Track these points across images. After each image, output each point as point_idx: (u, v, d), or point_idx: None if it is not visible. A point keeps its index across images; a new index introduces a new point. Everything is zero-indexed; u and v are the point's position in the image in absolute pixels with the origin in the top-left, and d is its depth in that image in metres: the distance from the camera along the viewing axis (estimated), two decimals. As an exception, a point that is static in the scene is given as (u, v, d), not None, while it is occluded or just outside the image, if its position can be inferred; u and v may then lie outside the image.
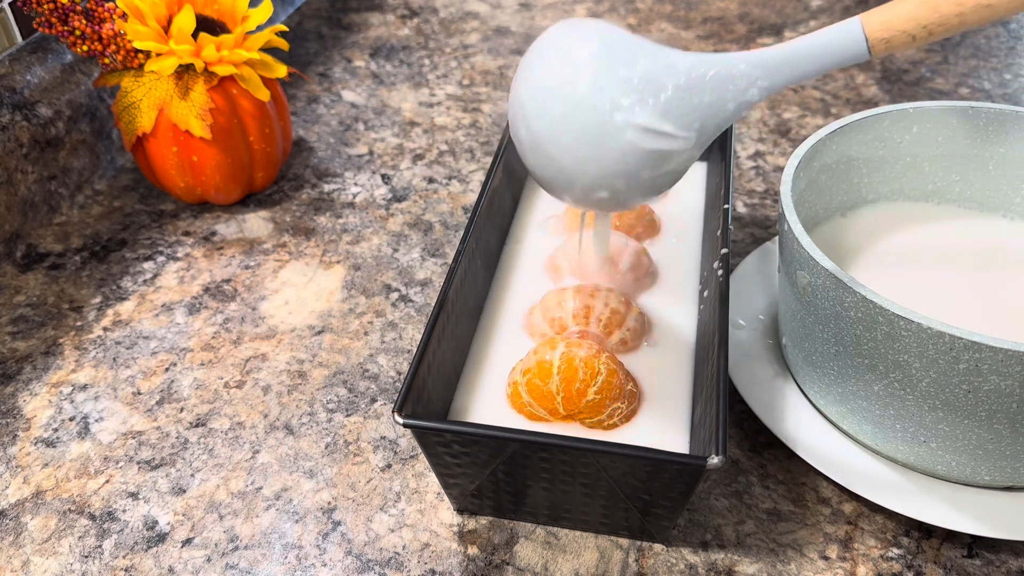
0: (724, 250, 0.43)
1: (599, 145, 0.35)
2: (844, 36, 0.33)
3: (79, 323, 0.53)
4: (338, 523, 0.41)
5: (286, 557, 0.40)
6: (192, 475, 0.44)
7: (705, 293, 0.46)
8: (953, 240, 0.48)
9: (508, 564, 0.39)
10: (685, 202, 0.54)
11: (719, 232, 0.45)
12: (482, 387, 0.43)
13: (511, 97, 0.37)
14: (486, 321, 0.46)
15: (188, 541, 0.40)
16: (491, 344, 0.45)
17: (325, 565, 0.39)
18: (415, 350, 0.41)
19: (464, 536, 0.40)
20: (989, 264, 0.47)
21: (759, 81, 0.34)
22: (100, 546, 0.40)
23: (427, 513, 0.41)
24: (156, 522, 0.41)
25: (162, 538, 0.41)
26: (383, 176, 0.66)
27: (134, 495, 0.43)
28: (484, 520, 0.41)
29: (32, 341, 0.52)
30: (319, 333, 0.52)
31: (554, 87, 0.35)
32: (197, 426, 0.46)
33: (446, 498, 0.42)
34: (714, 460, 0.33)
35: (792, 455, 0.43)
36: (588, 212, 0.45)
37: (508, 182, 0.53)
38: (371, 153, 0.69)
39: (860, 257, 0.47)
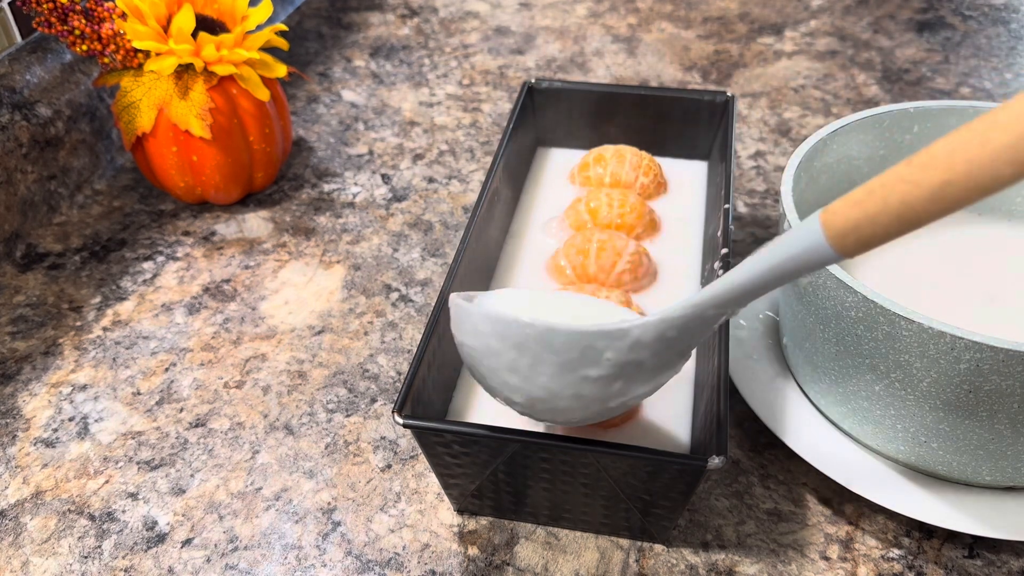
0: (724, 250, 0.43)
1: (602, 414, 0.34)
2: (806, 242, 0.28)
3: (79, 323, 0.53)
4: (338, 523, 0.41)
5: (286, 557, 0.40)
6: (192, 475, 0.43)
7: (705, 293, 0.46)
8: (954, 241, 0.48)
9: (508, 564, 0.39)
10: (685, 202, 0.54)
11: (719, 232, 0.45)
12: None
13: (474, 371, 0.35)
14: (486, 321, 0.46)
15: (188, 541, 0.40)
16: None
17: (325, 565, 0.39)
18: (415, 350, 0.41)
19: (464, 536, 0.40)
20: (990, 265, 0.47)
21: (727, 311, 0.32)
22: (100, 546, 0.40)
23: (427, 513, 0.41)
24: (156, 522, 0.41)
25: (162, 538, 0.41)
26: (383, 176, 0.66)
27: (134, 495, 0.43)
28: (484, 520, 0.41)
29: (32, 341, 0.52)
30: (319, 333, 0.52)
31: (530, 402, 0.34)
32: (197, 426, 0.46)
33: (446, 498, 0.42)
34: (714, 460, 0.33)
35: (792, 455, 0.43)
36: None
37: (508, 182, 0.53)
38: (371, 153, 0.69)
39: (862, 261, 0.47)
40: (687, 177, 0.57)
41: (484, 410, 0.41)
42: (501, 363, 0.33)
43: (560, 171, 0.57)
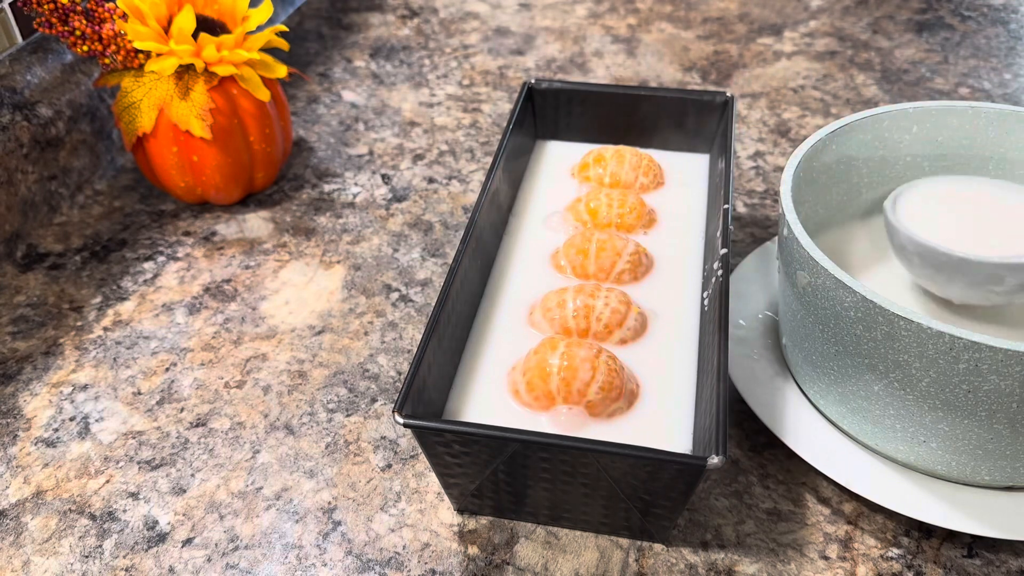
0: (724, 250, 0.43)
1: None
2: None
3: (79, 323, 0.53)
4: (338, 523, 0.41)
5: (286, 557, 0.40)
6: (192, 475, 0.44)
7: (705, 293, 0.46)
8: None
9: (508, 564, 0.39)
10: (685, 201, 0.54)
11: (719, 232, 0.45)
12: (482, 387, 0.43)
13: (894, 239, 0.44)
14: (486, 321, 0.46)
15: (188, 541, 0.41)
16: (491, 344, 0.45)
17: (325, 565, 0.39)
18: (415, 350, 0.41)
19: (464, 536, 0.40)
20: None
21: None
22: (100, 546, 0.40)
23: (427, 513, 0.41)
24: (156, 522, 0.41)
25: (162, 538, 0.41)
26: (383, 176, 0.66)
27: (134, 495, 0.43)
28: (484, 520, 0.41)
29: (32, 341, 0.52)
30: (319, 333, 0.52)
31: (947, 294, 0.43)
32: (197, 426, 0.46)
33: (446, 498, 0.42)
34: (714, 460, 0.33)
35: (792, 455, 0.43)
36: None
37: (508, 182, 0.53)
38: (371, 153, 0.69)
39: (862, 262, 0.47)
40: (687, 172, 0.57)
41: (484, 410, 0.41)
42: (920, 274, 0.43)
43: (560, 168, 0.58)
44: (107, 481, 0.43)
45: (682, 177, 0.57)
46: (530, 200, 0.55)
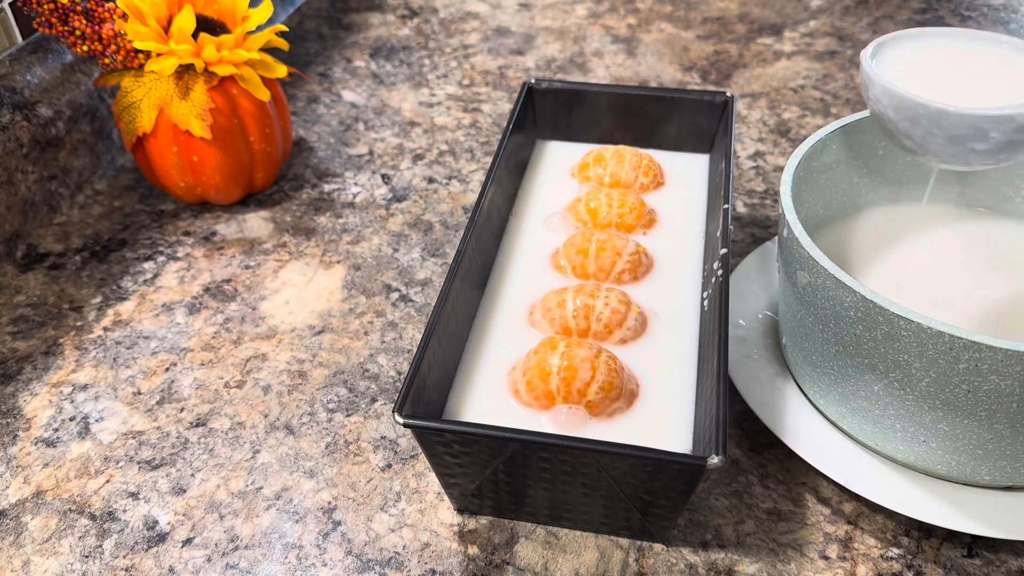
0: (724, 250, 0.43)
1: (992, 162, 0.40)
2: None
3: (79, 323, 0.53)
4: (338, 523, 0.41)
5: (286, 557, 0.40)
6: (192, 475, 0.44)
7: (705, 293, 0.46)
8: (953, 242, 0.48)
9: (508, 564, 0.39)
10: (685, 201, 0.54)
11: (719, 232, 0.45)
12: (482, 386, 0.43)
13: (874, 103, 0.41)
14: (486, 320, 0.46)
15: (188, 541, 0.41)
16: (491, 343, 0.45)
17: (325, 565, 0.39)
18: (415, 350, 0.41)
19: (464, 536, 0.40)
20: (989, 265, 0.47)
21: None
22: (100, 546, 0.40)
23: (427, 513, 0.41)
24: (156, 522, 0.41)
25: (162, 538, 0.41)
26: (383, 176, 0.66)
27: (134, 495, 0.43)
28: (484, 520, 0.41)
29: (32, 341, 0.52)
30: (319, 333, 0.52)
31: (924, 156, 0.40)
32: (197, 426, 0.46)
33: (446, 498, 0.42)
34: (714, 460, 0.33)
35: (792, 455, 0.43)
36: None
37: (508, 182, 0.53)
38: (371, 153, 0.69)
39: (862, 261, 0.47)
40: (687, 172, 0.57)
41: (484, 410, 0.41)
42: (897, 129, 0.39)
43: (560, 168, 0.58)
44: (107, 481, 0.43)
45: (682, 177, 0.57)
46: (530, 200, 0.55)
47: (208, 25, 0.57)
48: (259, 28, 0.72)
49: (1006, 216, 0.49)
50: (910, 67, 0.41)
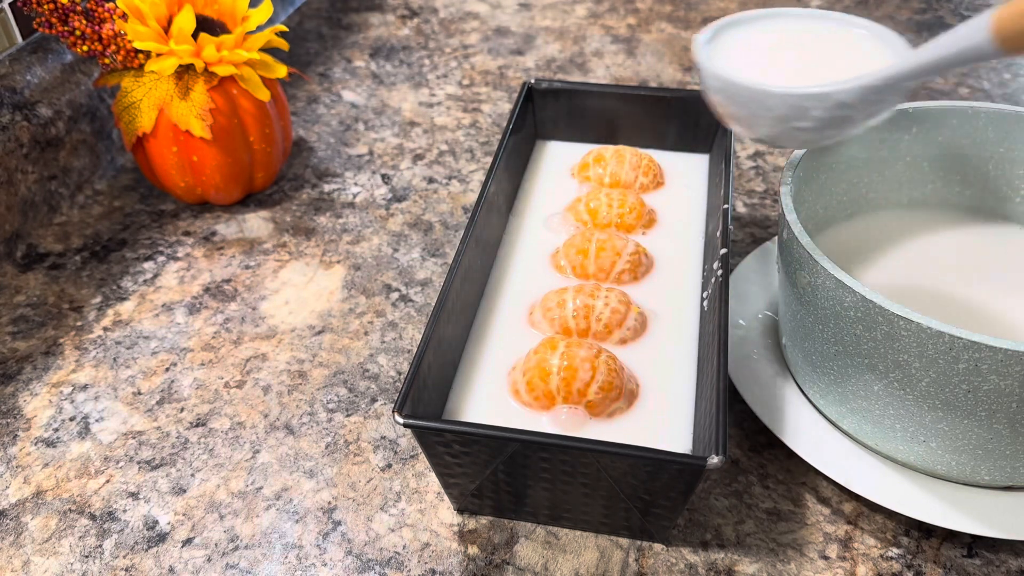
0: (724, 250, 0.43)
1: (822, 140, 0.41)
2: (973, 37, 0.34)
3: (79, 323, 0.53)
4: (338, 523, 0.41)
5: (286, 557, 0.40)
6: (192, 475, 0.44)
7: (705, 293, 0.46)
8: (953, 242, 0.48)
9: (508, 564, 0.39)
10: (685, 201, 0.54)
11: (719, 232, 0.45)
12: (482, 386, 0.43)
13: (704, 83, 0.42)
14: (486, 320, 0.46)
15: (188, 541, 0.41)
16: (491, 343, 0.45)
17: (325, 565, 0.39)
18: (415, 350, 0.41)
19: (464, 536, 0.40)
20: (989, 265, 0.47)
21: (917, 80, 0.38)
22: (100, 546, 0.40)
23: (427, 513, 0.41)
24: (156, 522, 0.41)
25: (162, 538, 0.41)
26: (383, 176, 0.66)
27: (134, 495, 0.43)
28: (484, 520, 0.41)
29: (32, 341, 0.52)
30: (319, 333, 0.52)
31: (756, 137, 0.42)
32: (197, 426, 0.46)
33: (446, 498, 0.42)
34: (714, 460, 0.33)
35: (792, 455, 0.43)
36: None
37: (508, 182, 0.53)
38: (371, 153, 0.69)
39: (862, 262, 0.47)
40: (687, 172, 0.57)
41: (484, 410, 0.41)
42: (727, 112, 0.41)
43: (560, 168, 0.58)
44: (107, 481, 0.43)
45: (682, 177, 0.57)
46: (530, 200, 0.55)
47: (208, 25, 0.57)
48: (259, 28, 0.72)
49: (1006, 216, 0.49)
50: (744, 50, 0.42)
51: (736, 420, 0.45)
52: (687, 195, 0.55)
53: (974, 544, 0.40)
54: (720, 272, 0.43)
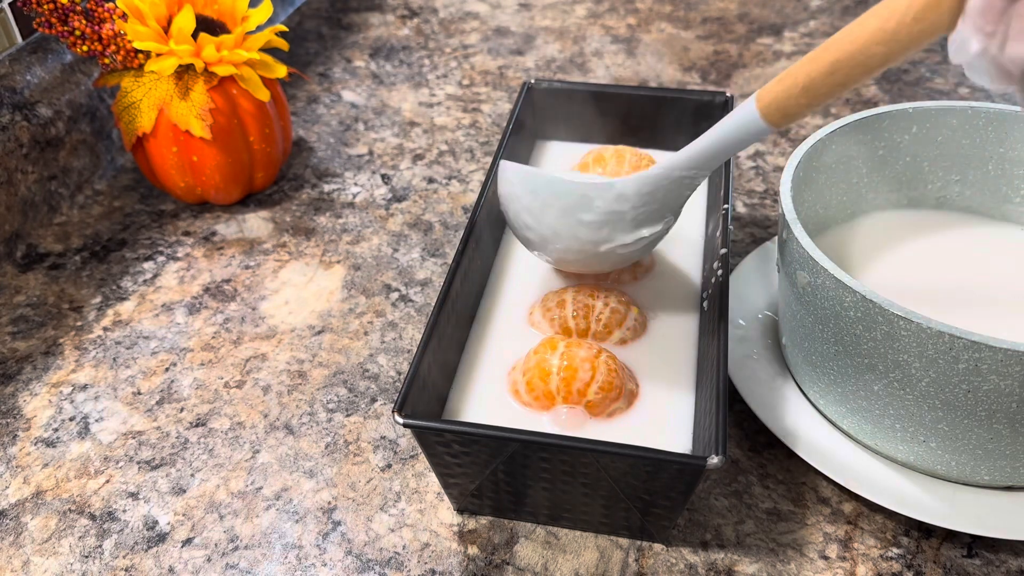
0: (724, 250, 0.43)
1: (599, 260, 0.43)
2: (745, 116, 0.37)
3: (79, 323, 0.53)
4: (338, 523, 0.41)
5: (286, 557, 0.40)
6: (192, 475, 0.44)
7: (705, 293, 0.46)
8: (953, 242, 0.48)
9: (508, 564, 0.39)
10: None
11: (719, 232, 0.45)
12: (482, 386, 0.43)
13: (506, 215, 0.44)
14: (486, 320, 0.46)
15: (188, 541, 0.40)
16: (491, 343, 0.45)
17: (325, 565, 0.39)
18: (415, 350, 0.41)
19: (464, 536, 0.40)
20: (989, 265, 0.47)
21: (696, 176, 0.40)
22: (100, 546, 0.40)
23: (427, 513, 0.41)
24: (156, 522, 0.41)
25: (162, 538, 0.41)
26: (383, 176, 0.66)
27: (134, 495, 0.43)
28: (484, 520, 0.41)
29: (32, 341, 0.52)
30: (319, 333, 0.52)
31: (541, 238, 0.43)
32: (197, 426, 0.46)
33: (446, 498, 0.42)
34: (714, 460, 0.33)
35: (792, 455, 0.43)
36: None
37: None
38: (371, 153, 0.69)
39: (862, 262, 0.47)
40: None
41: (484, 410, 0.41)
42: (521, 205, 0.42)
43: (560, 167, 0.58)
44: (107, 481, 0.43)
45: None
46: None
47: (208, 25, 0.57)
48: (259, 28, 0.72)
49: (1006, 216, 0.49)
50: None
51: (736, 420, 0.45)
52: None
53: (974, 544, 0.40)
54: (720, 272, 0.43)
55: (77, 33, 0.56)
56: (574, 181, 0.41)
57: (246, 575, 0.39)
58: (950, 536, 0.40)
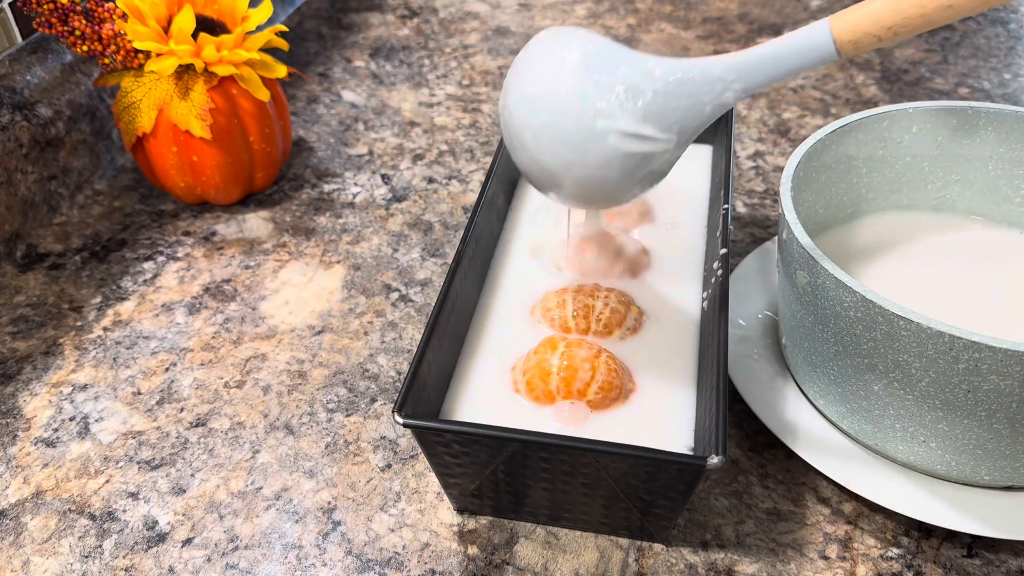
0: (724, 250, 0.43)
1: (583, 150, 0.36)
2: (814, 38, 0.34)
3: (79, 323, 0.53)
4: (338, 523, 0.41)
5: (286, 557, 0.40)
6: (192, 475, 0.44)
7: (705, 293, 0.46)
8: (953, 242, 0.48)
9: (508, 564, 0.39)
10: (685, 200, 0.54)
11: (719, 232, 0.45)
12: (482, 386, 0.43)
13: (500, 102, 0.39)
14: (486, 320, 0.46)
15: (188, 541, 0.40)
16: (491, 343, 0.45)
17: (325, 565, 0.39)
18: (415, 350, 0.41)
19: (464, 536, 0.40)
20: (989, 265, 0.47)
21: (734, 84, 0.35)
22: (100, 546, 0.40)
23: (427, 513, 0.41)
24: (156, 522, 0.41)
25: (162, 538, 0.41)
26: (383, 176, 0.66)
27: (134, 495, 0.43)
28: (484, 520, 0.41)
29: (32, 341, 0.52)
30: (319, 333, 0.52)
31: (538, 96, 0.37)
32: (197, 426, 0.46)
33: (446, 498, 0.42)
34: (714, 460, 0.33)
35: (792, 455, 0.43)
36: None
37: (507, 181, 0.53)
38: (371, 153, 0.69)
39: (862, 263, 0.47)
40: (687, 172, 0.57)
41: (483, 410, 0.41)
42: (544, 48, 0.37)
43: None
44: (107, 481, 0.43)
45: (682, 177, 0.57)
46: (529, 198, 0.55)
47: (208, 25, 0.57)
48: (259, 28, 0.72)
49: (1006, 217, 0.49)
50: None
51: (736, 420, 0.45)
52: (687, 195, 0.55)
53: (974, 544, 0.40)
54: (720, 272, 0.43)
55: (77, 33, 0.56)
56: (614, 43, 0.37)
57: (246, 575, 0.39)
58: (950, 536, 0.40)
